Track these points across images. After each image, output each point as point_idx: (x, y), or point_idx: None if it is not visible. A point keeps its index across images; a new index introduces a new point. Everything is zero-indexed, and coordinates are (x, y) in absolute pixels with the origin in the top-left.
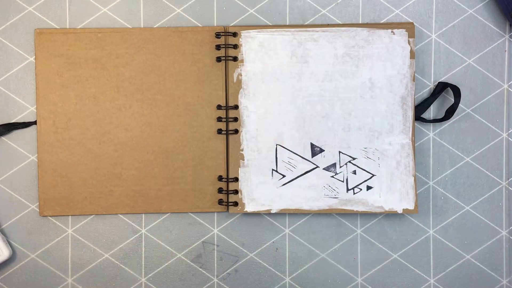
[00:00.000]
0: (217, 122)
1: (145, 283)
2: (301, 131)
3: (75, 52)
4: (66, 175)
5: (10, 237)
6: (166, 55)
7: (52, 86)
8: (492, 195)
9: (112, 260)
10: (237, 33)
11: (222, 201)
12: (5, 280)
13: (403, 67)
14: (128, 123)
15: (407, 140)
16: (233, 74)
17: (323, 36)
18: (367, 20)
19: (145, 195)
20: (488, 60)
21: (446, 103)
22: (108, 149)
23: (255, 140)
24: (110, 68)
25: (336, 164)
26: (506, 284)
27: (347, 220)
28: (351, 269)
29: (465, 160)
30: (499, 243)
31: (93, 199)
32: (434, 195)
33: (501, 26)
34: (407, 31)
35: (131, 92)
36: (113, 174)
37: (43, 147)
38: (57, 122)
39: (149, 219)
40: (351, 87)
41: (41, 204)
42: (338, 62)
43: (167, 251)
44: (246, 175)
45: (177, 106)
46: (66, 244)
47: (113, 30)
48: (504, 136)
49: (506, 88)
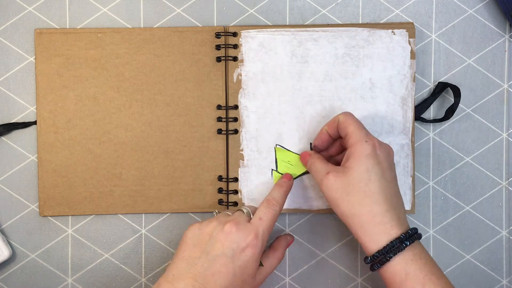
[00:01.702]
0: (217, 122)
1: (145, 283)
2: (301, 131)
3: (75, 52)
4: (66, 175)
5: (10, 237)
6: (166, 55)
7: (52, 86)
8: (492, 195)
9: (112, 260)
10: (237, 33)
11: (222, 201)
12: (5, 280)
13: (403, 67)
14: (128, 123)
15: (407, 141)
16: (233, 74)
17: (323, 36)
18: (367, 20)
19: (145, 195)
20: (488, 60)
21: (446, 103)
22: (108, 149)
23: (255, 140)
24: (110, 68)
25: None
26: (506, 284)
27: None
28: (351, 269)
29: (465, 160)
30: (499, 243)
31: (93, 199)
32: (434, 195)
33: (501, 26)
34: (407, 31)
35: (131, 92)
36: (113, 174)
37: (43, 147)
38: (57, 122)
39: (149, 219)
40: (351, 87)
41: (41, 204)
42: (338, 62)
43: (167, 251)
44: (246, 175)
45: (177, 106)
46: (66, 244)
47: (113, 30)
48: (504, 136)
49: (506, 88)
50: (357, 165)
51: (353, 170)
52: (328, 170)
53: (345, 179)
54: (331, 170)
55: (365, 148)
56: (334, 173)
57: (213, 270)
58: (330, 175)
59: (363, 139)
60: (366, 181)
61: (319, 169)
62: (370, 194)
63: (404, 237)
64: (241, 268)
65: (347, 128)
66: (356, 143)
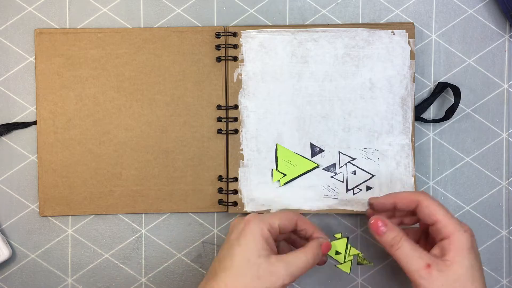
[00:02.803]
0: (217, 122)
1: (145, 283)
2: (301, 131)
3: (75, 52)
4: (66, 175)
5: (10, 237)
6: (166, 55)
7: (52, 86)
8: (492, 195)
9: (112, 260)
10: (237, 33)
11: (222, 201)
12: (5, 280)
13: (403, 67)
14: (128, 123)
15: (407, 141)
16: (233, 74)
17: (323, 36)
18: (367, 20)
19: (145, 195)
20: (488, 60)
21: (446, 103)
22: (108, 149)
23: (255, 140)
24: (110, 68)
25: (336, 165)
26: (506, 284)
27: (347, 220)
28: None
29: (465, 160)
30: (499, 243)
31: (93, 199)
32: (434, 195)
33: (501, 26)
34: (407, 32)
35: (131, 92)
36: (113, 174)
37: (43, 147)
38: (57, 122)
39: (149, 219)
40: (351, 88)
41: (41, 204)
42: (338, 62)
43: (167, 251)
44: (246, 175)
45: (177, 106)
46: (66, 244)
47: (113, 30)
48: (504, 136)
49: (506, 88)
50: (462, 260)
51: (458, 266)
52: (428, 261)
53: (451, 276)
54: (432, 263)
55: (466, 240)
56: (436, 267)
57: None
58: (433, 269)
59: (460, 229)
60: (472, 278)
61: (413, 256)
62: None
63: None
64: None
65: (435, 215)
66: (454, 234)
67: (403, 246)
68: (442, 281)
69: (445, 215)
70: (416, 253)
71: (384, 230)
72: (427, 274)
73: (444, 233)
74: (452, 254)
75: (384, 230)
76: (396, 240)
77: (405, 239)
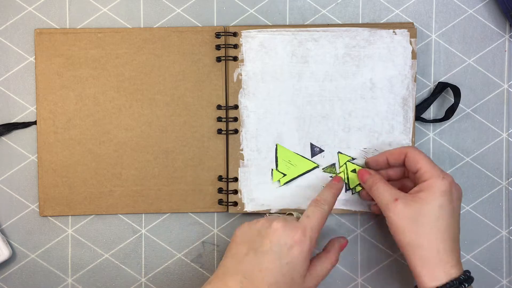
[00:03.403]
0: (217, 122)
1: (145, 283)
2: (301, 131)
3: (75, 52)
4: (66, 175)
5: (10, 237)
6: (166, 55)
7: (52, 86)
8: (492, 195)
9: (112, 260)
10: (237, 33)
11: (222, 201)
12: (5, 280)
13: (404, 67)
14: (128, 123)
15: (407, 141)
16: (233, 74)
17: (324, 36)
18: (367, 20)
19: (145, 195)
20: (488, 60)
21: (446, 103)
22: (108, 149)
23: (255, 140)
24: (110, 68)
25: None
26: (506, 284)
27: (347, 220)
28: (351, 269)
29: (465, 160)
30: (499, 243)
31: (93, 199)
32: None
33: (501, 26)
34: (408, 31)
35: (131, 92)
36: (113, 174)
37: (43, 147)
38: (57, 122)
39: (149, 219)
40: (352, 88)
41: (41, 204)
42: (339, 62)
43: (167, 251)
44: (246, 175)
45: (177, 106)
46: (66, 244)
47: (113, 30)
48: (504, 136)
49: (506, 88)
50: (431, 199)
51: (425, 203)
52: (397, 196)
53: (416, 210)
54: (400, 197)
55: (442, 185)
56: (403, 200)
57: (261, 267)
58: (399, 202)
59: (440, 175)
60: (437, 217)
61: (384, 192)
62: (439, 230)
63: (463, 279)
64: (289, 265)
65: (418, 163)
66: (432, 178)
67: (378, 186)
68: (407, 214)
69: (428, 163)
70: (388, 190)
71: (367, 177)
72: (394, 206)
73: (424, 178)
74: (424, 193)
75: (367, 176)
76: (375, 181)
77: (381, 180)
